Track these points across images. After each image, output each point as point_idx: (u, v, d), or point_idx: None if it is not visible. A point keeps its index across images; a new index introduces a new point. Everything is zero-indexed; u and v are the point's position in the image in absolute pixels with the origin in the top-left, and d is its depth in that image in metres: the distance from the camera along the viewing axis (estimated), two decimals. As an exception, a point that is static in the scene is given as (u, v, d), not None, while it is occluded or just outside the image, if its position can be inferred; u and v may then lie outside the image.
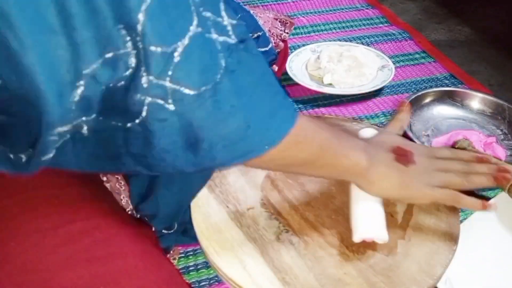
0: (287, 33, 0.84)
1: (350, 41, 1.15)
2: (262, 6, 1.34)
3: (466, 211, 0.73)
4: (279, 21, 0.84)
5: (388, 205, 0.53)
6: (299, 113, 0.40)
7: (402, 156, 0.47)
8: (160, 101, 0.32)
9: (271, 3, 1.37)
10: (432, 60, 1.10)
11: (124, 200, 0.52)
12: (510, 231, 0.62)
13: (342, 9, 1.34)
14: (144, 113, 0.33)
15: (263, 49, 0.76)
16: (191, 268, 0.64)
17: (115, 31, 0.30)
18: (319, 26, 1.25)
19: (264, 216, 0.52)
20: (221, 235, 0.49)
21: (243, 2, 0.95)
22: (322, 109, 0.94)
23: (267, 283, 0.44)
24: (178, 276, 0.45)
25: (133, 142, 0.34)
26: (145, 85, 0.31)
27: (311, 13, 1.31)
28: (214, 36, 0.34)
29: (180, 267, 0.64)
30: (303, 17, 1.29)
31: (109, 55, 0.30)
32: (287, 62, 0.99)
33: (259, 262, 0.46)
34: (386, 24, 1.26)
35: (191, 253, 0.66)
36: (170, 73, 0.32)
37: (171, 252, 0.64)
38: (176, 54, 0.31)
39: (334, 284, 0.44)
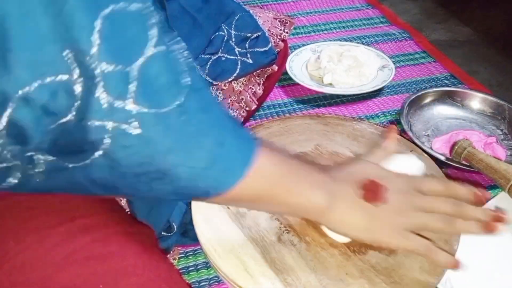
0: (287, 32, 0.84)
1: (350, 41, 1.15)
2: (262, 6, 1.34)
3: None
4: (279, 21, 0.84)
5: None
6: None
7: (371, 193, 0.40)
8: (124, 125, 0.31)
9: (271, 3, 1.37)
10: (432, 60, 1.10)
11: (124, 200, 0.52)
12: (510, 231, 0.62)
13: (342, 9, 1.34)
14: (106, 141, 0.31)
15: (262, 49, 0.75)
16: (191, 268, 0.64)
17: (59, 56, 0.29)
18: (319, 26, 1.25)
19: (265, 216, 0.51)
20: (222, 236, 0.49)
21: (243, 2, 0.95)
22: (322, 109, 0.94)
23: (268, 284, 0.44)
24: (177, 276, 0.45)
25: (96, 176, 0.33)
26: (104, 108, 0.30)
27: (311, 13, 1.32)
28: (178, 55, 0.34)
29: (180, 267, 0.64)
30: (303, 17, 1.29)
31: (48, 80, 0.29)
32: (287, 62, 0.99)
33: (261, 263, 0.46)
34: (386, 24, 1.26)
35: (191, 253, 0.66)
36: (131, 93, 0.31)
37: (171, 252, 0.64)
38: (134, 73, 0.31)
39: (336, 284, 0.44)
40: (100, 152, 0.32)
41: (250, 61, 0.74)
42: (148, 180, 0.34)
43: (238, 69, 0.73)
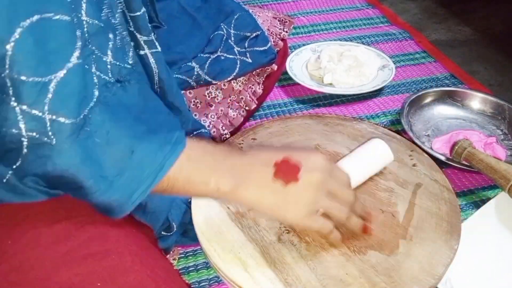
0: (286, 32, 0.83)
1: (351, 40, 1.15)
2: (261, 5, 1.34)
3: (467, 211, 0.73)
4: (278, 20, 0.84)
5: (389, 205, 0.53)
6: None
7: (282, 172, 0.41)
8: (39, 135, 0.32)
9: (271, 2, 1.37)
10: (432, 60, 1.10)
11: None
12: (510, 231, 0.62)
13: (342, 9, 1.34)
14: (24, 151, 0.33)
15: (262, 48, 0.75)
16: (191, 269, 0.64)
17: None
18: (319, 25, 1.25)
19: (265, 216, 0.51)
20: (222, 236, 0.49)
21: (242, 2, 0.94)
22: (322, 109, 0.94)
23: (268, 284, 0.44)
24: (175, 273, 0.45)
25: (29, 184, 0.35)
26: (18, 117, 0.32)
27: (311, 12, 1.31)
28: (93, 69, 0.35)
29: (180, 267, 0.64)
30: (303, 16, 1.29)
31: None
32: (287, 61, 0.98)
33: (261, 263, 0.46)
34: (386, 24, 1.26)
35: (191, 253, 0.66)
36: (46, 102, 0.32)
37: (171, 252, 0.63)
38: (52, 84, 0.32)
39: (336, 284, 0.44)
40: (20, 161, 0.33)
41: (250, 60, 0.74)
42: (68, 190, 0.36)
43: (237, 68, 0.72)
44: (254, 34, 0.75)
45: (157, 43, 0.47)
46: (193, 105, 0.72)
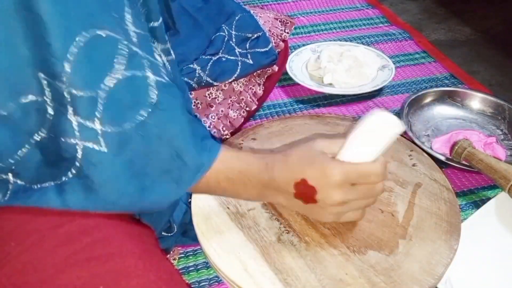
0: (288, 33, 0.84)
1: (350, 41, 1.15)
2: (262, 6, 1.34)
3: (467, 211, 0.73)
4: (280, 21, 0.84)
5: (389, 205, 0.53)
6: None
7: (300, 194, 0.44)
8: (92, 144, 0.35)
9: (271, 3, 1.37)
10: (432, 60, 1.10)
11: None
12: (510, 231, 0.62)
13: (342, 9, 1.34)
14: (78, 158, 0.35)
15: (263, 50, 0.76)
16: (191, 269, 0.64)
17: (34, 78, 0.32)
18: (319, 26, 1.25)
19: (264, 217, 0.51)
20: (222, 236, 0.49)
21: (243, 2, 0.95)
22: (322, 109, 0.95)
23: (268, 284, 0.44)
24: (178, 276, 0.45)
25: (70, 197, 0.37)
26: (74, 128, 0.34)
27: (311, 13, 1.32)
28: (150, 75, 0.37)
29: (180, 267, 0.64)
30: (303, 17, 1.29)
31: (22, 100, 0.33)
32: (287, 62, 0.99)
33: (260, 263, 0.46)
34: (386, 24, 1.26)
35: (191, 253, 0.66)
36: (97, 115, 0.34)
37: (171, 252, 0.64)
38: (102, 96, 0.34)
39: (335, 284, 0.44)
40: (74, 171, 0.35)
41: (251, 62, 0.74)
42: (120, 189, 0.37)
43: (238, 70, 0.73)
44: (255, 35, 0.75)
45: (171, 51, 0.47)
46: (194, 106, 0.72)
